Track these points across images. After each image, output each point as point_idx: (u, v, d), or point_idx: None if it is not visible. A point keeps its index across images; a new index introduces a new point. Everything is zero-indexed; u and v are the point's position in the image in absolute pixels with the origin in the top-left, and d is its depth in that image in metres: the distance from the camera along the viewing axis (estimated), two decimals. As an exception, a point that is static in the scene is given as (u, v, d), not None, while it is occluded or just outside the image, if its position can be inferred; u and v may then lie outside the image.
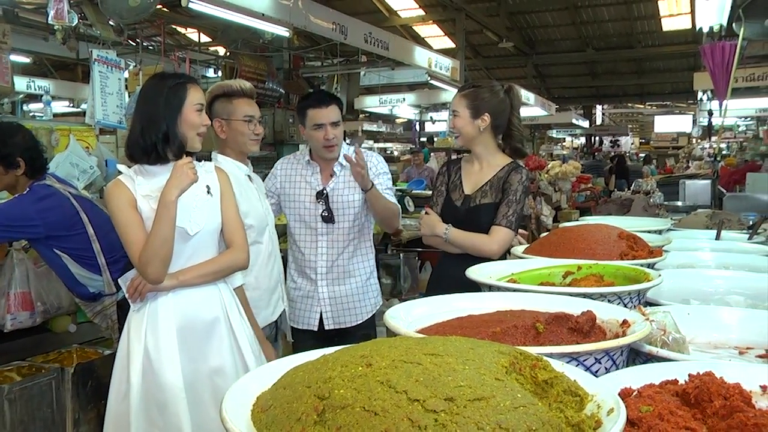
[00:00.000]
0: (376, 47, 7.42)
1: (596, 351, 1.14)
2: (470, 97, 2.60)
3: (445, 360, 0.81)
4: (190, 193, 2.08)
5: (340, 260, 2.92)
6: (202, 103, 2.15)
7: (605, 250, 2.06)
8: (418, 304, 1.52)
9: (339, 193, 2.89)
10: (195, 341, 2.10)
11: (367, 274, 2.99)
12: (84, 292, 2.95)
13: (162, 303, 2.10)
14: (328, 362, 0.85)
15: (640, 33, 16.32)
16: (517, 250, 2.28)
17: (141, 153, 2.10)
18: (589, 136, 24.60)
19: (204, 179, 2.18)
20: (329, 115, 2.79)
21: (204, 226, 2.12)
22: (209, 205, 2.16)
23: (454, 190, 2.68)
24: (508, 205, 2.55)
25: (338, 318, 2.95)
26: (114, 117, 5.24)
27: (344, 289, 2.94)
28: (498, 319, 1.42)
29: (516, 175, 2.58)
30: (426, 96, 13.85)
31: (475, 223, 2.57)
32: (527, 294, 1.59)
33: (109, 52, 5.34)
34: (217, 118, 2.63)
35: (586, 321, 1.35)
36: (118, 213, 2.07)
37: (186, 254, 2.11)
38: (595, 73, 20.46)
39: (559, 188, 10.36)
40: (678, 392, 1.00)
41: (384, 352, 0.84)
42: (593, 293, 1.57)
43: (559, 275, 1.94)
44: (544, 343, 1.31)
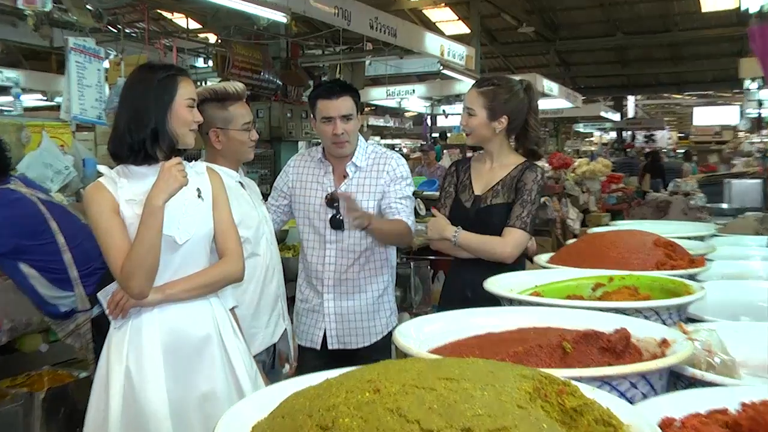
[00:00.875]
0: (382, 34, 7.44)
1: (632, 374, 1.13)
2: (488, 96, 2.62)
3: (462, 385, 0.81)
4: (178, 198, 2.07)
5: (350, 272, 2.89)
6: (194, 98, 2.15)
7: (640, 259, 2.05)
8: (430, 320, 1.51)
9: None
10: (183, 362, 2.09)
11: (380, 290, 2.95)
12: (53, 310, 2.95)
13: (146, 320, 2.08)
14: (331, 387, 0.84)
15: (677, 14, 16.26)
16: (541, 259, 2.27)
17: (128, 151, 2.09)
18: (620, 131, 24.55)
19: (194, 182, 2.17)
20: (339, 108, 2.77)
21: (194, 234, 2.11)
22: (200, 210, 2.16)
23: (464, 191, 2.72)
24: (522, 205, 2.59)
25: (344, 337, 2.92)
26: (92, 112, 5.25)
27: (352, 305, 2.90)
28: (520, 337, 1.41)
29: (530, 173, 2.64)
30: (438, 87, 13.86)
31: (487, 225, 2.61)
32: (553, 309, 1.58)
33: (87, 40, 5.36)
34: (213, 128, 2.59)
35: (619, 340, 1.34)
36: (98, 219, 2.06)
37: (174, 265, 2.10)
38: (626, 60, 20.42)
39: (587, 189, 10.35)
40: (728, 423, 0.99)
41: (393, 376, 0.83)
42: (627, 308, 1.55)
43: (589, 287, 1.93)
44: (572, 365, 1.30)
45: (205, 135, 2.60)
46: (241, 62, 7.36)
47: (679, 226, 3.27)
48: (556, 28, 17.86)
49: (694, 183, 7.47)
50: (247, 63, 7.49)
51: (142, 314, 2.09)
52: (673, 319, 1.58)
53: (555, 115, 18.63)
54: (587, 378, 1.09)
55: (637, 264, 2.02)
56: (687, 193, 6.97)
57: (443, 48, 9.21)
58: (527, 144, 2.74)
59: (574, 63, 21.18)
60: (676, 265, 2.01)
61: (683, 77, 21.44)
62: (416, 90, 13.50)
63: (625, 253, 2.09)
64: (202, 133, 2.58)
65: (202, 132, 2.57)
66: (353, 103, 2.81)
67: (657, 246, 2.10)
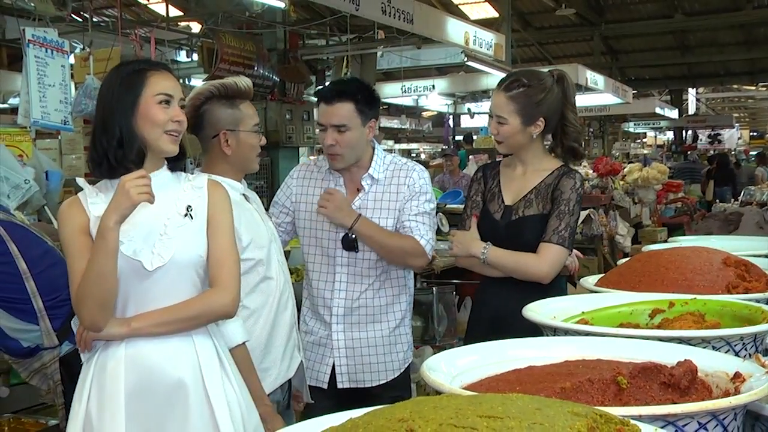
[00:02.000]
0: (396, 20, 7.49)
1: (701, 412, 1.15)
2: (520, 100, 2.64)
3: (506, 424, 0.83)
4: (159, 216, 2.09)
5: (362, 300, 2.92)
6: (168, 94, 2.13)
7: (707, 281, 2.06)
8: (463, 352, 1.54)
9: (366, 213, 2.88)
10: (150, 410, 2.08)
11: (397, 320, 2.98)
12: (14, 346, 2.98)
13: (112, 355, 2.08)
14: (357, 428, 0.87)
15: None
16: (588, 282, 2.30)
17: (93, 165, 2.15)
18: (678, 130, 24.54)
19: (186, 197, 2.18)
20: (332, 116, 2.82)
21: (171, 259, 2.09)
22: (186, 231, 2.14)
23: (492, 200, 2.76)
24: (560, 217, 2.62)
25: (356, 374, 2.95)
26: (56, 116, 5.28)
27: (365, 337, 2.94)
28: (567, 371, 1.43)
29: (568, 180, 2.67)
30: (462, 82, 13.93)
31: (519, 239, 2.65)
32: (604, 339, 1.61)
33: (48, 31, 5.40)
34: (222, 130, 2.59)
35: (684, 374, 1.36)
36: (67, 240, 2.10)
37: (150, 295, 2.10)
38: (687, 46, 20.44)
39: (640, 199, 10.35)
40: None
41: (428, 414, 0.86)
42: (693, 337, 1.57)
43: (645, 314, 1.95)
44: (629, 402, 1.32)
45: (212, 139, 2.61)
46: (231, 55, 7.43)
47: (754, 243, 3.28)
48: (602, 10, 17.93)
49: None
50: (239, 56, 7.55)
51: (109, 349, 2.10)
52: (748, 351, 1.60)
53: (600, 112, 18.64)
54: (648, 417, 1.11)
55: (703, 287, 2.04)
56: (763, 204, 6.97)
57: (468, 35, 9.27)
58: (567, 141, 2.77)
59: (623, 50, 21.23)
60: (751, 287, 2.02)
61: (758, 65, 21.35)
62: (436, 85, 13.58)
63: (689, 274, 2.10)
64: (205, 137, 2.61)
65: (206, 136, 2.61)
66: (354, 110, 2.82)
67: (727, 265, 2.11)
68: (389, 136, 22.56)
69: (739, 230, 5.79)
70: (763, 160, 17.23)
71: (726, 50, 20.14)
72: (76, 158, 6.49)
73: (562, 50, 20.63)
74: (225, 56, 7.29)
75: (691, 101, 26.13)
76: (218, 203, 2.22)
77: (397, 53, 10.50)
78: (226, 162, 2.62)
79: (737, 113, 30.59)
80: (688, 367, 1.37)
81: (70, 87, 5.43)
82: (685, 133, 24.43)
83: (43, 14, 5.60)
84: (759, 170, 15.56)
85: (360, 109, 2.82)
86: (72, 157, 6.55)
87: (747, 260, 2.18)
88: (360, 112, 2.82)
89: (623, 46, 20.95)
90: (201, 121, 2.59)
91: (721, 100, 29.77)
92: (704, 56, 20.88)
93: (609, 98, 15.48)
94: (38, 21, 5.68)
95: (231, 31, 7.59)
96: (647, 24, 18.43)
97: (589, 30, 18.57)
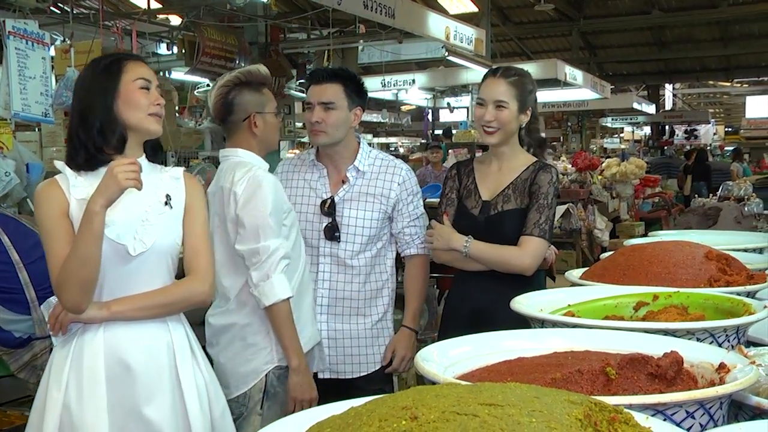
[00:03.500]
0: (378, 14, 7.49)
1: (688, 402, 1.18)
2: (519, 87, 2.76)
3: (507, 411, 0.86)
4: (140, 203, 2.13)
5: (346, 292, 2.98)
6: (147, 79, 2.20)
7: (689, 274, 2.10)
8: (455, 343, 1.57)
9: (351, 205, 2.96)
10: (129, 395, 2.12)
11: (380, 313, 3.04)
12: (7, 337, 2.98)
13: (89, 339, 2.12)
14: (361, 416, 0.89)
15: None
16: (573, 275, 2.33)
17: (69, 158, 2.18)
18: (655, 125, 24.72)
19: (165, 187, 2.23)
20: (321, 93, 2.93)
21: (152, 245, 2.15)
22: (166, 219, 2.20)
23: (469, 197, 2.83)
24: (539, 210, 2.70)
25: (337, 366, 3.00)
26: (37, 108, 5.25)
27: (348, 329, 2.99)
28: (557, 362, 1.46)
29: (545, 175, 2.75)
30: (441, 76, 13.94)
31: (498, 233, 2.72)
32: (591, 330, 1.64)
33: (29, 23, 5.36)
34: (251, 113, 2.77)
35: (670, 365, 1.39)
36: (43, 221, 2.13)
37: (129, 280, 2.14)
38: (664, 41, 20.59)
39: (618, 194, 10.44)
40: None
41: (431, 402, 0.89)
42: (677, 329, 1.61)
43: (630, 307, 1.99)
44: (617, 392, 1.35)
45: (242, 122, 2.77)
46: (213, 48, 7.40)
47: (733, 237, 3.34)
48: (580, 6, 18.01)
49: (748, 186, 7.51)
50: (220, 49, 7.53)
51: (86, 333, 2.13)
52: (731, 342, 1.64)
53: (578, 107, 18.71)
54: (638, 406, 1.14)
55: (685, 280, 2.08)
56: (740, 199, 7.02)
57: (449, 30, 9.29)
58: (536, 134, 2.90)
59: (601, 46, 21.35)
60: (732, 281, 2.06)
61: (733, 61, 21.57)
62: (416, 80, 13.56)
63: (672, 267, 2.14)
64: (235, 121, 2.77)
65: (236, 120, 2.77)
66: (343, 92, 2.92)
67: (709, 259, 2.16)
68: (367, 129, 22.54)
69: (717, 225, 5.85)
70: (738, 156, 17.43)
71: (702, 46, 20.31)
72: (56, 151, 6.43)
73: (540, 45, 20.71)
74: (207, 49, 7.27)
75: (668, 97, 26.34)
76: (195, 194, 2.31)
77: (378, 47, 10.51)
78: (254, 142, 2.81)
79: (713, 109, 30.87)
80: (674, 358, 1.40)
81: (50, 79, 5.40)
82: (661, 129, 24.62)
83: (24, 5, 5.55)
84: (734, 165, 15.70)
85: (348, 92, 2.95)
86: (52, 149, 6.49)
87: (728, 254, 2.22)
88: (347, 96, 2.94)
89: (601, 42, 21.06)
90: (231, 107, 2.77)
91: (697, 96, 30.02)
92: (681, 52, 21.04)
93: (587, 93, 15.57)
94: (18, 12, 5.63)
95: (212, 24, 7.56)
96: (625, 20, 18.56)
97: (568, 25, 18.66)
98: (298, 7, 11.34)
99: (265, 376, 2.70)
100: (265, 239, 2.60)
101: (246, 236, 2.62)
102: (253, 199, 2.62)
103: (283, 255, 2.63)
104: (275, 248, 2.61)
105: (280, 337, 2.65)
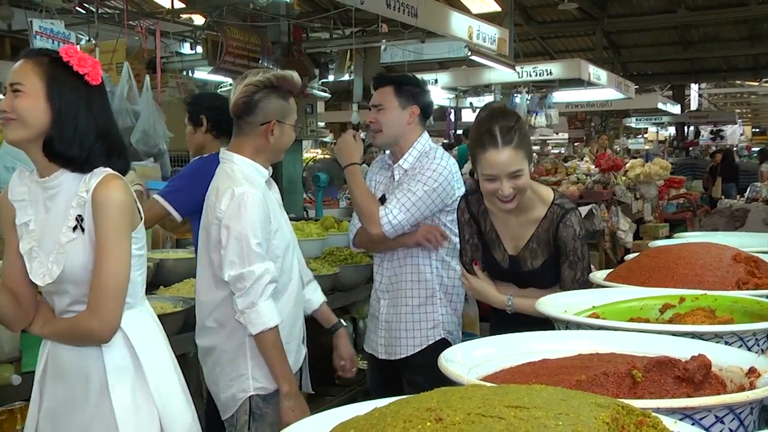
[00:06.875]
0: (401, 13, 7.48)
1: (718, 406, 1.16)
2: (524, 146, 2.53)
3: (533, 414, 0.85)
4: (51, 229, 2.09)
5: (396, 276, 3.26)
6: (9, 82, 2.06)
7: (717, 276, 2.07)
8: (479, 344, 1.56)
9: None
10: (59, 403, 2.19)
11: (422, 298, 3.23)
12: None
13: (43, 345, 2.25)
14: (386, 417, 0.89)
15: (754, -16, 16.27)
16: (597, 277, 2.31)
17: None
18: (680, 126, 24.52)
19: (77, 207, 2.08)
20: (374, 98, 3.25)
21: (62, 275, 2.08)
22: (76, 246, 2.08)
23: (493, 247, 2.75)
24: (572, 267, 2.65)
25: (390, 347, 3.26)
26: (63, 107, 5.31)
27: (396, 312, 3.25)
28: (582, 364, 1.45)
29: (567, 230, 2.63)
30: (464, 76, 13.90)
31: (534, 284, 2.71)
32: (616, 333, 1.62)
33: (55, 23, 5.42)
34: (272, 119, 2.68)
35: (698, 368, 1.37)
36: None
37: (63, 302, 2.16)
38: (690, 41, 20.41)
39: (641, 195, 10.35)
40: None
41: (455, 403, 0.88)
42: (705, 332, 1.59)
43: (656, 309, 1.96)
44: (644, 395, 1.33)
45: (260, 126, 2.68)
46: (236, 48, 7.42)
47: (762, 239, 3.28)
48: (604, 5, 17.89)
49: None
50: (243, 48, 7.54)
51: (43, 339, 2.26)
52: (760, 347, 1.61)
53: (602, 107, 18.61)
54: (665, 409, 1.13)
55: (712, 283, 2.05)
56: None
57: (472, 30, 9.26)
58: None
59: (626, 45, 21.21)
60: (761, 284, 2.03)
61: (761, 60, 21.30)
62: (439, 79, 13.54)
63: (699, 269, 2.11)
64: (252, 123, 2.68)
65: (253, 122, 2.68)
66: (392, 93, 3.18)
67: (737, 262, 2.12)
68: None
69: (745, 227, 5.79)
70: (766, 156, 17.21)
71: (729, 46, 20.11)
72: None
73: (564, 45, 20.61)
74: (230, 49, 7.28)
75: (694, 97, 26.11)
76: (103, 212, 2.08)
77: (401, 47, 10.49)
78: (263, 149, 2.72)
79: (740, 109, 30.54)
80: (702, 361, 1.38)
81: (75, 78, 5.44)
82: (687, 129, 24.42)
83: (51, 6, 5.61)
84: (763, 167, 15.48)
85: (398, 91, 3.17)
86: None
87: (757, 256, 2.19)
88: (398, 95, 3.17)
89: (625, 41, 20.93)
90: (253, 108, 2.67)
91: (723, 96, 29.73)
92: (707, 52, 20.85)
93: (611, 93, 15.46)
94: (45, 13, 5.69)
95: (235, 23, 7.59)
96: (650, 19, 18.41)
97: (592, 25, 18.55)
98: (320, 7, 11.34)
99: (248, 398, 2.68)
100: (249, 264, 2.52)
101: (229, 261, 2.54)
102: (235, 220, 2.54)
103: (270, 279, 2.55)
104: (261, 273, 2.53)
105: (269, 364, 2.59)
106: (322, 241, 4.93)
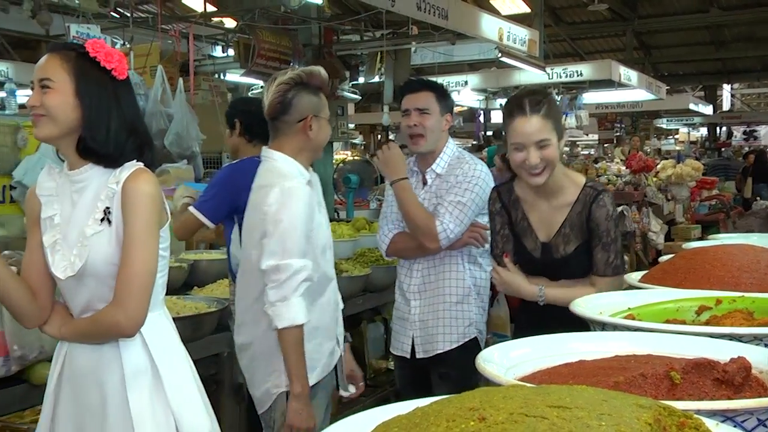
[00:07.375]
0: (431, 15, 7.50)
1: (760, 409, 1.15)
2: (553, 116, 2.54)
3: (576, 414, 0.85)
4: (77, 222, 2.07)
5: (431, 276, 3.27)
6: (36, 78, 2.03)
7: (754, 278, 2.05)
8: (516, 345, 1.56)
9: (427, 204, 3.21)
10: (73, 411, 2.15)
11: (459, 296, 3.25)
12: None
13: (59, 348, 2.20)
14: (428, 417, 0.89)
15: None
16: (632, 278, 2.30)
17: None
18: (713, 126, 24.26)
19: (105, 200, 2.07)
20: (416, 101, 3.19)
21: (84, 269, 2.05)
22: (101, 239, 2.06)
23: (525, 236, 2.71)
24: (606, 249, 2.61)
25: (427, 344, 3.26)
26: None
27: (434, 310, 3.25)
28: (619, 366, 1.44)
29: (600, 210, 2.61)
30: (494, 77, 13.90)
31: (565, 274, 2.68)
32: (653, 334, 1.61)
33: (92, 28, 5.50)
34: (309, 114, 2.72)
35: (738, 370, 1.36)
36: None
37: (81, 299, 2.11)
38: (722, 41, 20.20)
39: (673, 196, 10.25)
40: None
41: (498, 403, 0.88)
42: (744, 334, 1.57)
43: (692, 311, 1.95)
44: (682, 397, 1.32)
45: (297, 123, 2.70)
46: (267, 51, 7.47)
47: (798, 241, 3.25)
48: (635, 5, 17.76)
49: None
50: (275, 51, 7.60)
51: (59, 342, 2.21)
52: (800, 349, 1.59)
53: (633, 108, 18.49)
54: (706, 411, 1.12)
55: (750, 285, 2.03)
56: (804, 201, 6.87)
57: (502, 31, 9.25)
58: None
59: (657, 46, 21.03)
60: (800, 286, 2.01)
61: (797, 60, 21.00)
62: (469, 81, 13.55)
63: (735, 271, 2.09)
64: (290, 121, 2.70)
65: (290, 120, 2.70)
66: (435, 99, 3.19)
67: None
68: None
69: (781, 228, 5.72)
70: (800, 158, 16.97)
71: (763, 45, 19.85)
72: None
73: (594, 46, 20.49)
74: (261, 51, 7.34)
75: (726, 97, 25.84)
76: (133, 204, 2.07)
77: (431, 49, 10.50)
78: (304, 146, 2.74)
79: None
80: (742, 363, 1.37)
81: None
82: (719, 130, 24.15)
83: (87, 11, 5.69)
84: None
85: (439, 98, 3.21)
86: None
87: (795, 258, 2.16)
88: (438, 101, 3.20)
89: (656, 42, 20.75)
90: (288, 107, 2.69)
91: (756, 96, 29.36)
92: (740, 51, 20.63)
93: (642, 94, 15.36)
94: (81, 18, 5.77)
95: (267, 26, 7.64)
96: (681, 19, 18.25)
97: (622, 25, 18.43)
98: (351, 9, 11.39)
99: (285, 395, 2.68)
100: (290, 256, 2.53)
101: (269, 250, 2.55)
102: (283, 212, 2.56)
103: (305, 277, 2.55)
104: (298, 268, 2.53)
105: (286, 361, 2.59)
106: (353, 242, 4.97)
